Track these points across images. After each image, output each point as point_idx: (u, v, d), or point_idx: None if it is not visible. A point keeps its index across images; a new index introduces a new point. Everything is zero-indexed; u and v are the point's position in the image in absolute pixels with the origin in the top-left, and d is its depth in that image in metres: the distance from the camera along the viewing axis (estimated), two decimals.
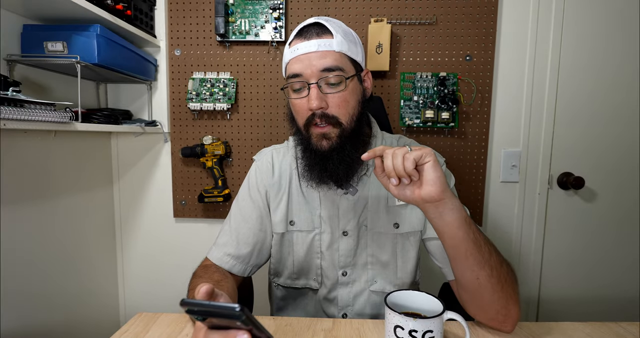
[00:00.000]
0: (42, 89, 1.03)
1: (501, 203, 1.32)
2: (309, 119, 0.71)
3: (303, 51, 0.69)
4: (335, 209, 0.79)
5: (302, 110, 0.71)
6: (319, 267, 0.80)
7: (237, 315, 0.38)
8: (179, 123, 1.32)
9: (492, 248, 0.61)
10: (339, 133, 0.71)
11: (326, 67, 0.69)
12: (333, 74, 0.69)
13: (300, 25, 0.73)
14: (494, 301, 0.61)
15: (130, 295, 1.43)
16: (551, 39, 1.25)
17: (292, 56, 0.71)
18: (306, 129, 0.73)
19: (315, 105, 0.68)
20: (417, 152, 0.55)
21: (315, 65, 0.68)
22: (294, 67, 0.71)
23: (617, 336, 0.64)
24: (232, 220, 0.82)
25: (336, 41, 0.69)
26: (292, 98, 0.73)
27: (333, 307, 0.81)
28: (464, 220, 0.58)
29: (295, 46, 0.71)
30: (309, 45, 0.69)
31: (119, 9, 1.03)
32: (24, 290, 0.98)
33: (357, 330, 0.65)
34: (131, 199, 1.39)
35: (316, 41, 0.69)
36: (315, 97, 0.68)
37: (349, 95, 0.71)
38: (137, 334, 0.64)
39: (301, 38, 0.71)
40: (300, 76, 0.70)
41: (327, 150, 0.71)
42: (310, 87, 0.69)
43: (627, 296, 1.34)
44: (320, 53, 0.69)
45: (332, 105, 0.70)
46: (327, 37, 0.70)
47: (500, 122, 1.29)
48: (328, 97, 0.70)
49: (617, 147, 1.29)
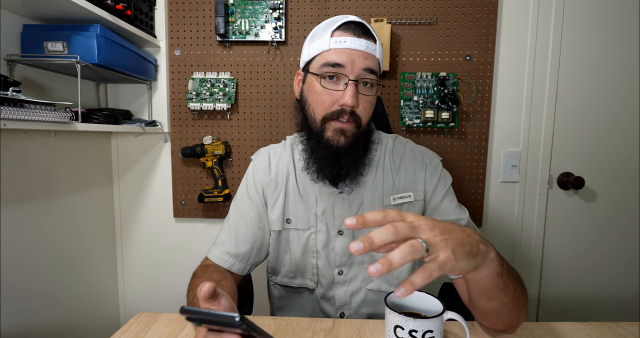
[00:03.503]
0: (42, 89, 1.03)
1: (501, 203, 1.32)
2: (335, 113, 0.71)
3: (351, 46, 0.70)
4: (331, 208, 0.79)
5: (329, 102, 0.71)
6: (314, 267, 0.81)
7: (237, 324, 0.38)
8: (179, 123, 1.32)
9: (516, 282, 0.56)
10: (356, 133, 0.72)
11: (369, 68, 0.70)
12: (372, 76, 0.71)
13: (343, 19, 0.73)
14: (508, 321, 0.61)
15: (130, 295, 1.43)
16: (551, 38, 1.25)
17: (337, 46, 0.70)
18: (323, 121, 0.72)
19: (351, 103, 0.69)
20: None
21: (360, 63, 0.70)
22: (336, 56, 0.70)
23: (617, 336, 0.64)
24: (231, 219, 0.83)
25: (378, 48, 0.72)
26: (325, 86, 0.71)
27: (330, 306, 0.82)
28: (495, 274, 0.51)
29: (341, 37, 0.70)
30: (359, 43, 0.70)
31: (119, 9, 1.03)
32: (23, 290, 0.98)
33: (357, 330, 0.65)
34: (131, 199, 1.39)
35: (365, 41, 0.70)
36: (353, 94, 0.69)
37: (374, 100, 0.74)
38: (137, 334, 0.64)
39: (349, 33, 0.71)
40: (341, 67, 0.70)
41: (342, 147, 0.72)
42: (349, 83, 0.69)
43: (627, 296, 1.34)
44: (366, 53, 0.70)
45: (361, 106, 0.71)
46: (372, 41, 0.72)
47: (500, 122, 1.29)
48: (360, 97, 0.71)
49: (617, 147, 1.29)
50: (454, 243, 0.44)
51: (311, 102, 0.74)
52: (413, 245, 0.41)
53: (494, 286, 0.53)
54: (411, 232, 0.43)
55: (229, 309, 0.48)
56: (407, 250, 0.41)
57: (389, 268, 0.39)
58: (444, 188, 0.80)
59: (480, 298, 0.57)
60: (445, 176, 0.81)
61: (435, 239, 0.43)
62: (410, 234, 0.43)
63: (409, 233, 0.43)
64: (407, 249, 0.41)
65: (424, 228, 0.44)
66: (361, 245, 0.40)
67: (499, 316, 0.59)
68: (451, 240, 0.44)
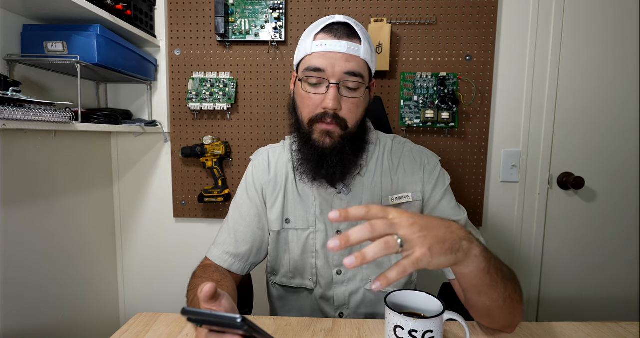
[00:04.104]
0: (42, 89, 1.03)
1: (501, 203, 1.32)
2: (318, 116, 0.71)
3: (331, 49, 0.69)
4: (329, 208, 0.79)
5: (313, 106, 0.72)
6: (313, 267, 0.81)
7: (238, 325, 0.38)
8: (179, 123, 1.32)
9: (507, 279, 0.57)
10: (343, 134, 0.72)
11: (350, 71, 0.69)
12: (354, 79, 0.70)
13: (329, 20, 0.72)
14: (502, 318, 0.61)
15: (130, 295, 1.43)
16: (551, 38, 1.25)
17: (318, 50, 0.70)
18: (310, 123, 0.73)
19: (332, 106, 0.69)
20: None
21: (341, 67, 0.69)
22: (317, 61, 0.70)
23: (617, 336, 0.64)
24: (231, 219, 0.83)
25: (363, 48, 0.70)
26: (308, 91, 0.72)
27: (329, 306, 0.82)
28: (480, 271, 0.52)
29: (323, 41, 0.70)
30: (340, 45, 0.69)
31: (119, 9, 1.03)
32: (23, 290, 0.98)
33: (357, 330, 0.65)
34: (131, 199, 1.39)
35: (346, 43, 0.69)
36: (333, 97, 0.69)
37: (361, 102, 0.73)
38: (137, 334, 0.64)
39: (331, 35, 0.70)
40: (321, 72, 0.69)
41: (328, 148, 0.71)
42: (330, 86, 0.69)
43: (627, 296, 1.34)
44: (347, 56, 0.69)
45: (345, 109, 0.71)
46: (356, 41, 0.70)
47: (500, 122, 1.29)
48: (343, 100, 0.70)
49: (617, 147, 1.29)
50: (432, 240, 0.45)
51: (299, 104, 0.75)
52: (387, 241, 0.43)
53: (481, 282, 0.54)
54: (389, 229, 0.44)
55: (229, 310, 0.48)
56: (381, 246, 0.43)
57: (362, 262, 0.42)
58: (442, 188, 0.79)
59: (469, 293, 0.59)
60: (443, 176, 0.81)
61: (413, 236, 0.44)
62: (387, 231, 0.44)
63: (387, 230, 0.44)
64: (381, 246, 0.43)
65: (404, 225, 0.45)
66: (337, 243, 0.42)
67: (490, 312, 0.60)
68: (429, 237, 0.45)
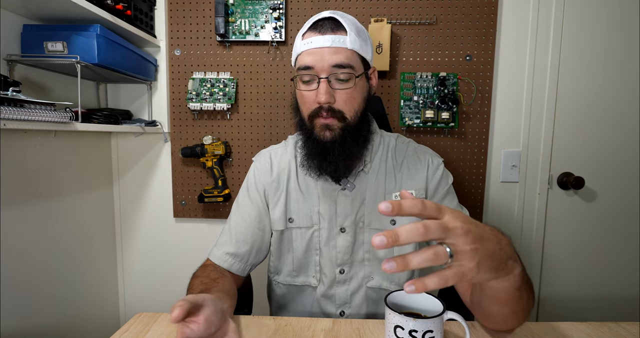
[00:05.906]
0: (42, 89, 1.03)
1: (501, 203, 1.32)
2: (315, 111, 0.72)
3: (316, 45, 0.70)
4: (333, 205, 0.79)
5: (309, 102, 0.73)
6: (317, 264, 0.81)
7: None
8: (179, 123, 1.32)
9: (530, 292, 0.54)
10: (342, 126, 0.72)
11: (337, 64, 0.70)
12: (343, 70, 0.70)
13: (315, 18, 0.73)
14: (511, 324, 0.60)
15: (130, 294, 1.43)
16: (551, 38, 1.25)
17: (305, 48, 0.71)
18: (310, 119, 0.74)
19: (324, 100, 0.69)
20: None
21: (327, 61, 0.69)
22: (306, 59, 0.71)
23: (617, 336, 0.64)
24: (232, 220, 0.83)
25: (349, 39, 0.70)
26: (301, 89, 0.73)
27: (331, 304, 0.82)
28: (515, 288, 0.49)
29: (308, 39, 0.71)
30: (323, 40, 0.70)
31: (119, 9, 1.03)
32: (23, 290, 0.98)
33: (357, 330, 0.65)
34: (131, 199, 1.39)
35: (330, 37, 0.70)
36: (324, 91, 0.69)
37: (356, 92, 0.72)
38: (137, 334, 0.64)
39: (315, 32, 0.71)
40: (311, 69, 0.71)
41: (329, 141, 0.72)
42: (320, 81, 0.70)
43: (627, 296, 1.34)
44: (333, 49, 0.70)
45: (340, 100, 0.71)
46: (341, 33, 0.71)
47: (500, 122, 1.28)
48: (336, 92, 0.71)
49: (617, 147, 1.29)
50: (482, 255, 0.41)
51: (299, 102, 0.77)
52: (437, 253, 0.39)
53: (510, 297, 0.51)
54: (442, 234, 0.39)
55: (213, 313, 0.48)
56: (429, 256, 0.38)
57: (404, 269, 0.38)
58: (445, 187, 0.80)
59: (491, 304, 0.56)
60: (446, 176, 0.82)
61: (465, 248, 0.40)
62: (439, 237, 0.39)
63: (439, 236, 0.39)
64: (429, 256, 0.38)
65: (458, 232, 0.40)
66: (384, 240, 0.37)
67: (506, 320, 0.59)
68: (480, 251, 0.41)
